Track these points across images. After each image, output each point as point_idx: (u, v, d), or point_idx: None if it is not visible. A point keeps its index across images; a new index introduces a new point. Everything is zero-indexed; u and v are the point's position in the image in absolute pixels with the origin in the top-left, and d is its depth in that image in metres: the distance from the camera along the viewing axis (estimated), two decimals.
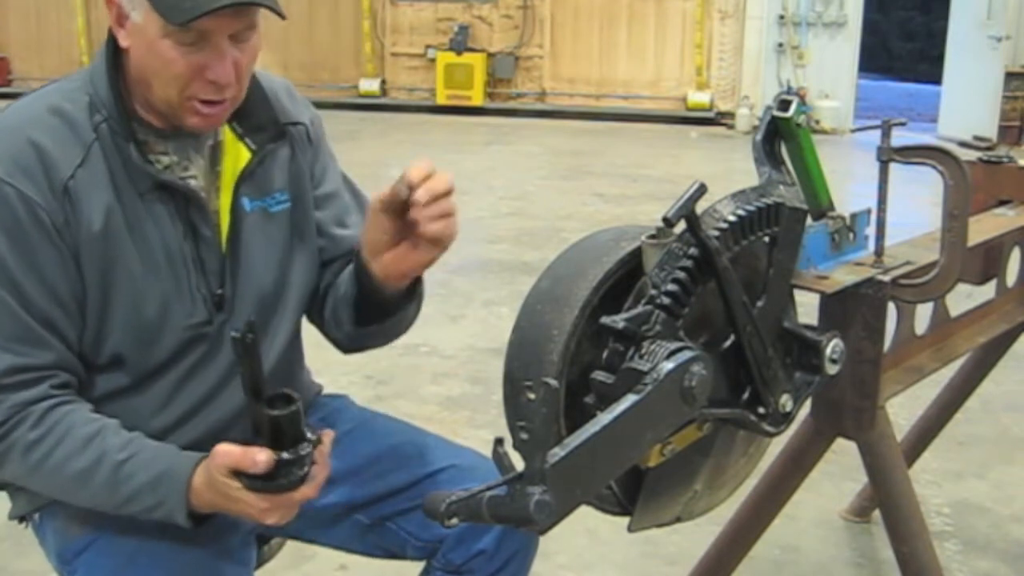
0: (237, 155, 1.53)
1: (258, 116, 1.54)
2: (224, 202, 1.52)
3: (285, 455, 1.33)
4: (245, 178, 1.53)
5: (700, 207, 1.36)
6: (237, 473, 1.33)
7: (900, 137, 1.64)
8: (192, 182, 1.49)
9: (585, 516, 1.40)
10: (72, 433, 1.38)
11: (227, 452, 1.33)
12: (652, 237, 1.39)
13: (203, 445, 1.47)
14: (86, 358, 1.45)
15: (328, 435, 1.41)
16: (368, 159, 8.87)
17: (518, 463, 1.13)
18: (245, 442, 1.35)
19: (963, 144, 9.39)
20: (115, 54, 1.45)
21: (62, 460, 1.38)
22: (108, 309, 1.43)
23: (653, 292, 1.34)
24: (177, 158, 1.49)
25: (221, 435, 1.50)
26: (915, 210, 6.01)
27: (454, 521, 1.15)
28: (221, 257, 1.51)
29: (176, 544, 1.45)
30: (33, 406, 1.38)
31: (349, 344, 1.68)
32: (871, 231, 1.77)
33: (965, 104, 10.54)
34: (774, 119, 1.59)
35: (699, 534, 2.30)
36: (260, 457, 1.30)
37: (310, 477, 1.37)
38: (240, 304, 1.53)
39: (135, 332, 1.45)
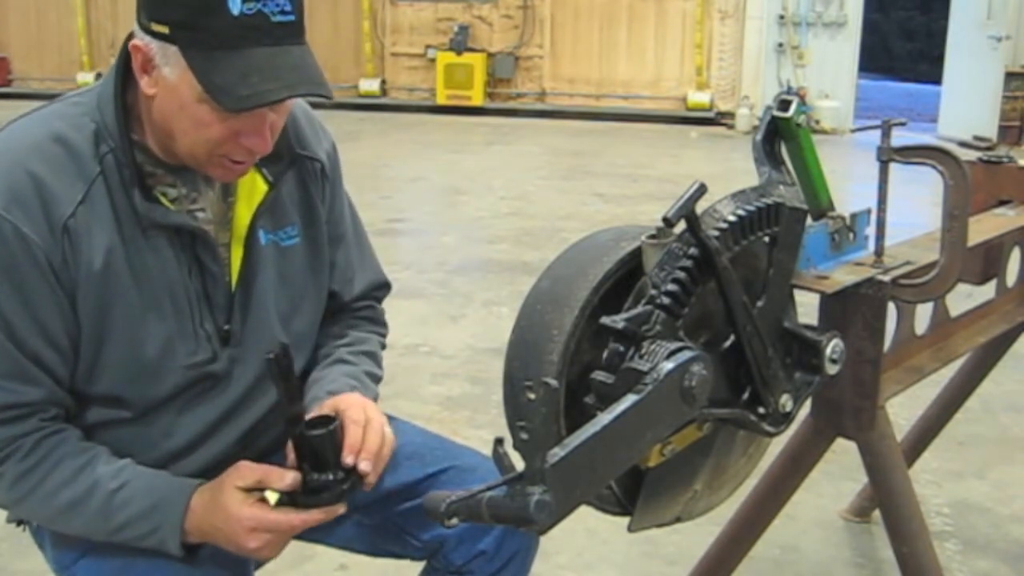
0: (253, 186, 1.49)
1: (276, 144, 1.44)
2: (238, 234, 1.48)
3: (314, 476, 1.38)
4: (263, 211, 1.49)
5: (700, 207, 1.36)
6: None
7: (900, 137, 1.64)
8: (200, 215, 1.45)
9: (585, 516, 1.40)
10: (63, 464, 1.37)
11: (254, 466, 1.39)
12: (652, 237, 1.39)
13: (204, 475, 1.47)
14: (81, 392, 1.43)
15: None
16: (368, 159, 8.87)
17: (518, 463, 1.13)
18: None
19: (963, 144, 9.39)
20: (124, 80, 1.39)
21: (52, 490, 1.37)
22: (103, 348, 1.39)
23: (653, 292, 1.34)
24: (186, 190, 1.44)
25: (223, 465, 1.50)
26: (915, 210, 6.01)
27: (454, 521, 1.15)
28: (228, 292, 1.48)
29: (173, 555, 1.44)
30: (23, 439, 1.36)
31: None
32: (871, 231, 1.77)
33: (965, 104, 10.54)
34: (774, 119, 1.59)
35: (699, 534, 2.30)
36: (288, 476, 1.36)
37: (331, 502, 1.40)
38: (249, 338, 1.50)
39: (132, 372, 1.41)
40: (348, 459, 1.39)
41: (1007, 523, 2.92)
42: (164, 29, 1.29)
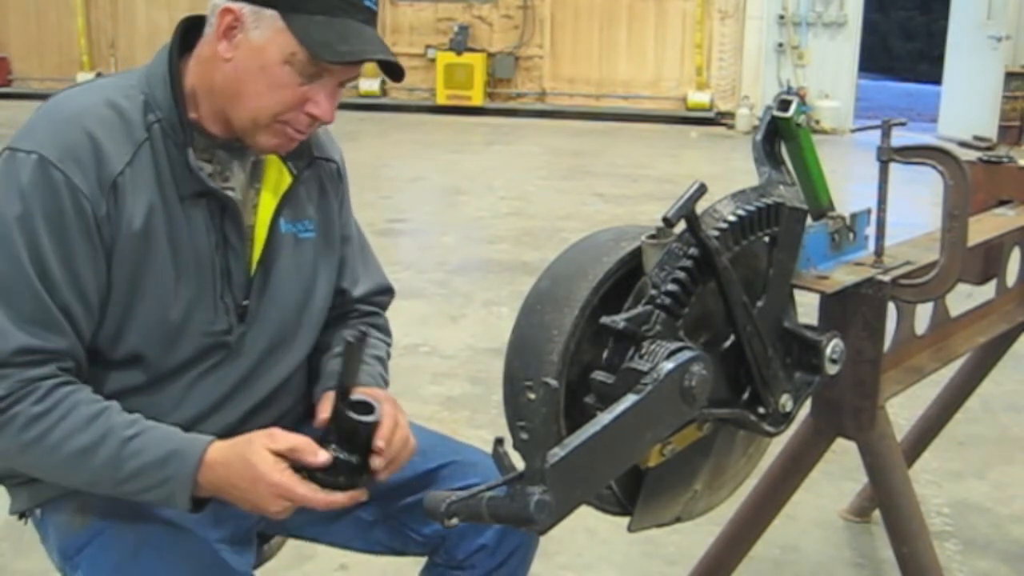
0: (280, 176, 1.57)
1: (299, 143, 1.54)
2: (262, 219, 1.55)
3: (343, 456, 1.38)
4: (286, 201, 1.56)
5: (700, 207, 1.36)
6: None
7: (900, 137, 1.64)
8: (230, 192, 1.51)
9: (585, 516, 1.41)
10: (77, 409, 1.38)
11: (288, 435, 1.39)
12: (652, 237, 1.39)
13: None
14: (103, 353, 1.45)
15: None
16: (368, 159, 8.87)
17: (518, 463, 1.13)
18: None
19: (963, 144, 9.40)
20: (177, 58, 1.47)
21: (64, 436, 1.37)
22: (133, 307, 1.44)
23: (653, 292, 1.35)
24: (220, 168, 1.51)
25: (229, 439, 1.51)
26: (915, 210, 6.01)
27: (454, 521, 1.15)
28: (248, 270, 1.53)
29: (179, 538, 1.45)
30: (39, 382, 1.37)
31: None
32: (871, 231, 1.77)
33: (965, 104, 10.55)
34: (774, 119, 1.59)
35: (699, 534, 2.30)
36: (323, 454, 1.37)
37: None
38: (263, 318, 1.55)
39: (156, 333, 1.46)
40: (377, 446, 1.41)
41: (1007, 523, 2.92)
42: None
